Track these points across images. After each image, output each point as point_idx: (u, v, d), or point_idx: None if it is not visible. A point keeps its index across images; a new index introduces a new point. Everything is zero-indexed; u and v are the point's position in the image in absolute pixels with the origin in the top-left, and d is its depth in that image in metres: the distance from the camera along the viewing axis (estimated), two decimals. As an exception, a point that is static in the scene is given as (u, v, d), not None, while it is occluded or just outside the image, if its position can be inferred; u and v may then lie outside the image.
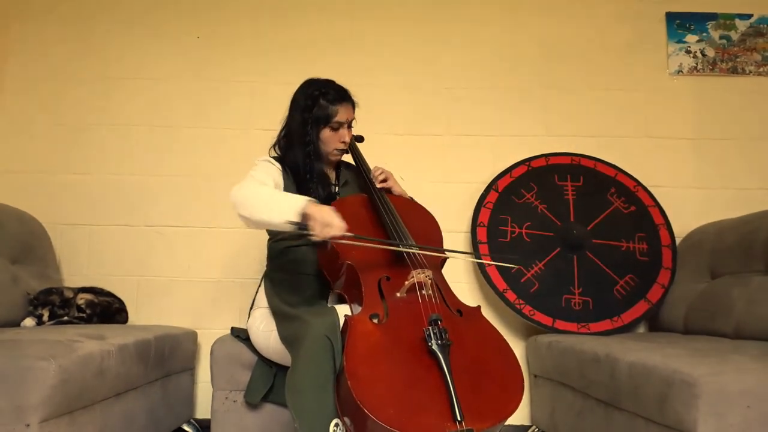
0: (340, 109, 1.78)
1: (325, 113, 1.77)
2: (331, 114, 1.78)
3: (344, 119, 1.80)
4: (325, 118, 1.78)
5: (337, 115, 1.78)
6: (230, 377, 1.82)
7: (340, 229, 1.46)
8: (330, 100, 1.78)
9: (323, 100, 1.78)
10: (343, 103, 1.80)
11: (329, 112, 1.77)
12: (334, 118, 1.78)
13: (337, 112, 1.78)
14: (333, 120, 1.78)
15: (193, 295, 2.51)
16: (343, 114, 1.79)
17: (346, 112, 1.80)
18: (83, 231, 2.53)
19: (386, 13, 2.73)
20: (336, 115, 1.78)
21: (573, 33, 2.73)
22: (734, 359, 1.37)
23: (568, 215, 2.46)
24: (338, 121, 1.79)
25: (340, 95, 1.80)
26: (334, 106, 1.78)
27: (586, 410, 1.82)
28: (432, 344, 1.31)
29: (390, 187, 1.91)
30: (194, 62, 2.67)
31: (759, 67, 2.69)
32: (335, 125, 1.79)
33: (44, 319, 2.05)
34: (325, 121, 1.78)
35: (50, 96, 2.62)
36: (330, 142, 1.82)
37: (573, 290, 2.33)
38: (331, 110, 1.77)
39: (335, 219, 1.46)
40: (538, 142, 2.63)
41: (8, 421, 1.30)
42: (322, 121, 1.78)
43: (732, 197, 2.58)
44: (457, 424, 1.18)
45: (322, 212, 1.46)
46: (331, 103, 1.78)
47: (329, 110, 1.77)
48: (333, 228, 1.45)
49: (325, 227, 1.45)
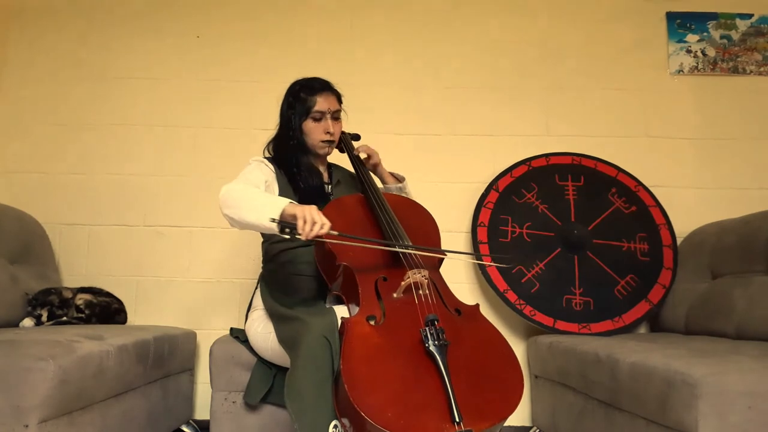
0: (319, 98, 1.81)
1: (306, 105, 1.81)
2: (311, 104, 1.80)
3: (325, 108, 1.81)
4: (306, 109, 1.81)
5: (316, 104, 1.80)
6: (229, 378, 1.82)
7: (326, 227, 1.43)
8: (309, 91, 1.81)
9: (303, 93, 1.82)
10: (323, 93, 1.82)
11: (309, 103, 1.81)
12: (315, 107, 1.80)
13: (317, 101, 1.80)
14: (314, 110, 1.80)
15: (193, 296, 2.50)
16: (323, 103, 1.81)
17: (326, 102, 1.82)
18: (82, 231, 2.53)
19: (386, 13, 2.72)
20: (316, 105, 1.80)
21: (574, 33, 2.73)
22: (735, 359, 1.37)
23: (568, 215, 2.46)
24: (319, 110, 1.80)
25: (319, 85, 1.83)
26: (313, 96, 1.81)
27: (587, 411, 1.81)
28: (429, 345, 1.30)
29: (375, 164, 1.93)
30: (194, 62, 2.66)
31: (760, 67, 2.69)
32: (317, 115, 1.81)
33: (43, 320, 2.05)
34: (306, 113, 1.81)
35: (50, 96, 2.62)
36: (313, 133, 1.83)
37: (574, 290, 2.33)
38: (311, 101, 1.80)
39: (320, 217, 1.44)
40: (538, 141, 2.62)
41: (7, 421, 1.30)
42: (304, 113, 1.81)
43: (733, 197, 2.57)
44: (455, 425, 1.17)
45: (306, 210, 1.43)
46: (310, 94, 1.81)
47: (309, 101, 1.81)
48: (318, 225, 1.42)
49: (310, 225, 1.41)
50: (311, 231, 1.41)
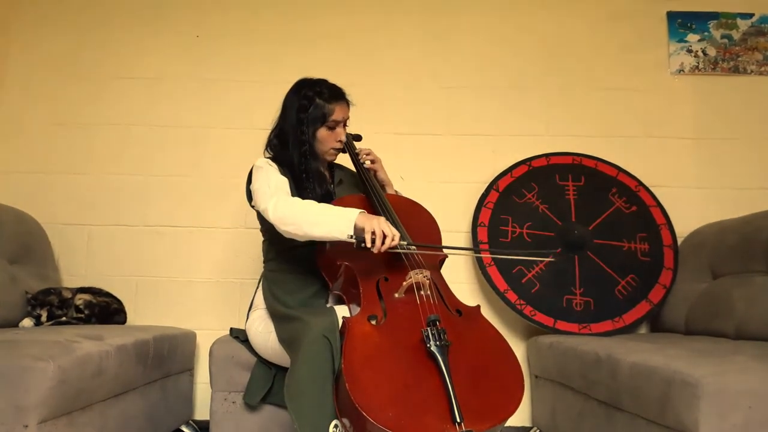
0: (337, 107, 1.78)
1: (322, 112, 1.76)
2: (328, 113, 1.77)
3: (341, 118, 1.79)
4: (321, 117, 1.77)
5: (333, 113, 1.77)
6: (229, 378, 1.81)
7: (397, 239, 1.47)
8: (326, 99, 1.77)
9: (319, 99, 1.77)
10: (339, 102, 1.79)
11: (325, 111, 1.77)
12: (331, 117, 1.77)
13: (334, 110, 1.77)
14: (330, 119, 1.77)
15: (192, 296, 2.50)
16: (339, 113, 1.78)
17: (342, 111, 1.80)
18: (82, 231, 2.52)
19: (386, 13, 2.72)
20: (332, 114, 1.77)
21: (574, 32, 2.72)
22: (735, 359, 1.37)
23: (569, 215, 2.45)
24: (335, 120, 1.78)
25: (335, 94, 1.80)
26: (330, 104, 1.77)
27: (587, 411, 1.81)
28: (431, 345, 1.30)
29: (376, 171, 1.92)
30: (193, 61, 2.66)
31: (760, 67, 2.68)
32: (332, 124, 1.79)
33: (42, 320, 2.05)
34: (321, 121, 1.77)
35: (49, 95, 2.62)
36: (326, 142, 1.81)
37: (574, 291, 2.32)
38: (328, 109, 1.77)
39: (392, 229, 1.47)
40: (538, 141, 2.62)
41: (7, 421, 1.30)
42: (319, 121, 1.77)
43: (733, 197, 2.56)
44: (456, 426, 1.17)
45: (380, 224, 1.47)
46: (327, 101, 1.77)
47: (326, 109, 1.76)
48: (389, 239, 1.45)
49: (381, 239, 1.45)
50: (382, 245, 1.45)
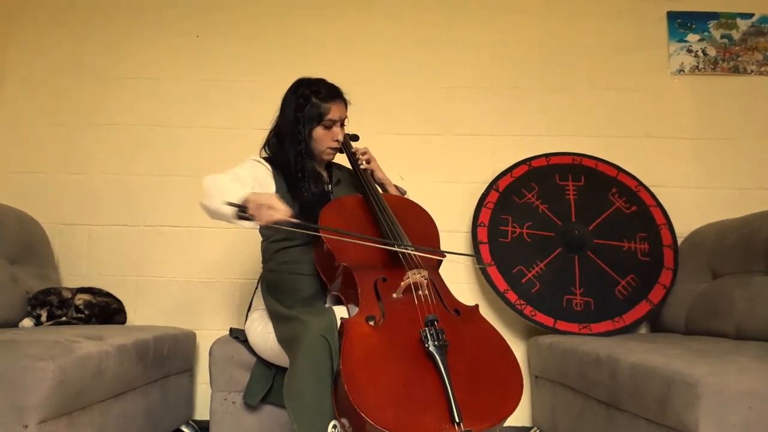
0: (333, 107, 1.78)
1: (318, 111, 1.76)
2: (324, 112, 1.77)
3: (337, 117, 1.79)
4: (318, 116, 1.77)
5: (329, 113, 1.77)
6: (229, 378, 1.82)
7: (283, 213, 1.43)
8: (322, 98, 1.77)
9: (316, 98, 1.77)
10: (336, 101, 1.79)
11: (322, 110, 1.76)
12: (327, 116, 1.77)
13: (330, 110, 1.77)
14: (326, 118, 1.77)
15: (192, 296, 2.50)
16: (335, 112, 1.78)
17: (338, 110, 1.79)
18: (82, 231, 2.53)
19: (386, 13, 2.72)
20: (329, 113, 1.77)
21: (574, 32, 2.72)
22: (735, 360, 1.37)
23: (569, 215, 2.45)
24: (331, 119, 1.78)
25: (332, 93, 1.79)
26: (326, 104, 1.77)
27: (587, 411, 1.81)
28: (429, 345, 1.30)
29: (373, 171, 1.91)
30: (194, 62, 2.66)
31: (760, 67, 2.68)
32: (328, 123, 1.78)
33: (42, 320, 2.05)
34: (318, 120, 1.77)
35: (50, 96, 2.62)
36: (323, 141, 1.80)
37: (574, 291, 2.32)
38: (324, 108, 1.76)
39: (277, 203, 1.44)
40: (538, 141, 2.62)
41: (7, 421, 1.30)
42: (315, 120, 1.77)
43: (733, 197, 2.56)
44: (455, 426, 1.17)
45: (263, 197, 1.45)
46: (323, 101, 1.77)
47: (322, 108, 1.76)
48: (274, 211, 1.42)
49: (265, 209, 1.42)
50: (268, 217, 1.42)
